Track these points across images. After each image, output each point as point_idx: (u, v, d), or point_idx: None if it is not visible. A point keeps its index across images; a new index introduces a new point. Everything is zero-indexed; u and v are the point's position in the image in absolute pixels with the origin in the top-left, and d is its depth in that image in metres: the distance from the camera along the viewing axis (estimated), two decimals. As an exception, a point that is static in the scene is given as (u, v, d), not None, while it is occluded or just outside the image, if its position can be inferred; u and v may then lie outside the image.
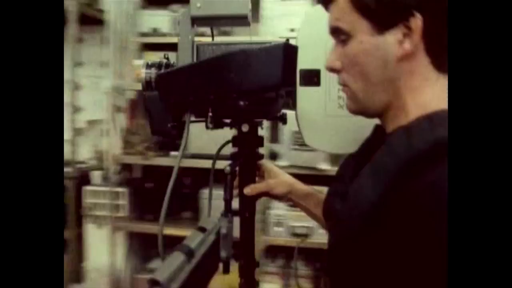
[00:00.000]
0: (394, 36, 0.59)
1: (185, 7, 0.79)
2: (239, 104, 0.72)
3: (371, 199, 0.56)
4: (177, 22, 0.85)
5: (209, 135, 1.95)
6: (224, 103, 0.74)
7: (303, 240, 1.90)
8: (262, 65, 0.69)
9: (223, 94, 0.72)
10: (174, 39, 0.79)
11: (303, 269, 2.03)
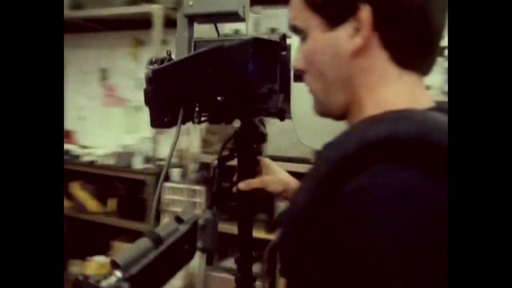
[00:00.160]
0: (346, 31, 0.55)
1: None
2: (217, 100, 0.73)
3: (300, 204, 0.52)
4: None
5: (286, 136, 1.95)
6: (206, 99, 0.76)
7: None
8: (232, 61, 0.70)
9: (202, 90, 0.74)
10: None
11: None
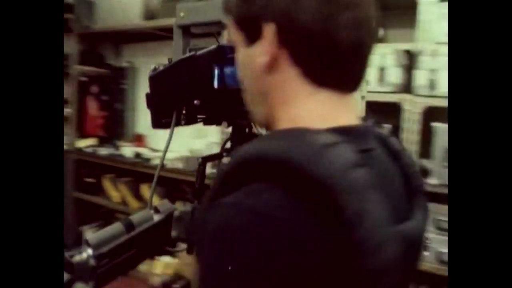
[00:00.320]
0: (258, 48, 0.56)
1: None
2: (194, 103, 0.80)
3: (195, 219, 0.54)
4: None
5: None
6: (187, 103, 0.83)
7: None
8: (202, 68, 0.76)
9: (182, 95, 0.81)
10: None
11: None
